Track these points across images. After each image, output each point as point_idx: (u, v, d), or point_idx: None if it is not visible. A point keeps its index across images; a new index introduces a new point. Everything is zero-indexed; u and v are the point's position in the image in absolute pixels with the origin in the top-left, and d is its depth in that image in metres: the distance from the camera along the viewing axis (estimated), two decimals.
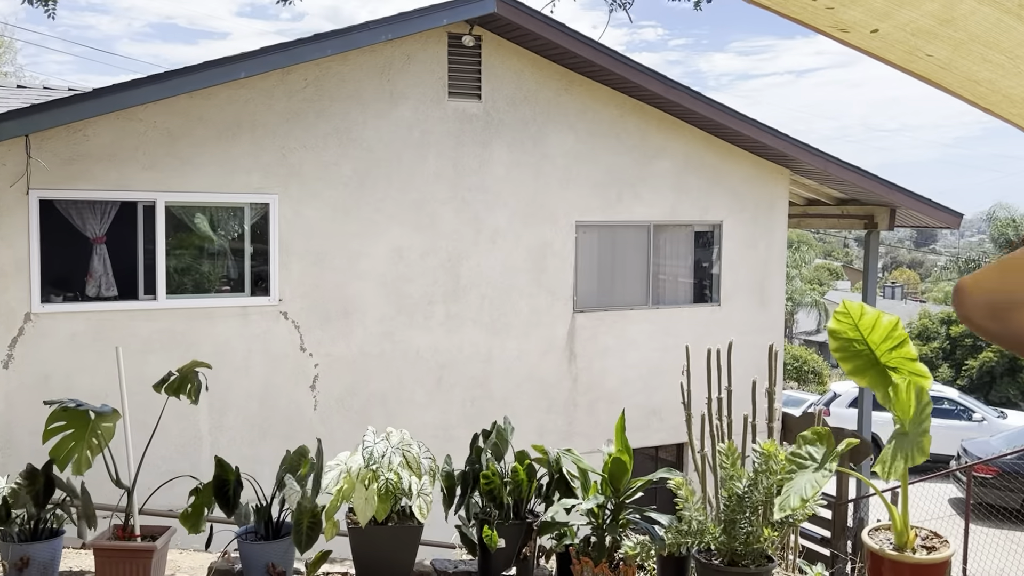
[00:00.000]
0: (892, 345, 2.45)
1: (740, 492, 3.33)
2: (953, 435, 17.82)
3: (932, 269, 70.70)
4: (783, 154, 10.45)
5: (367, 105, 8.78)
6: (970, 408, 19.62)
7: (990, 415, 19.56)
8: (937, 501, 13.32)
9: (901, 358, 2.48)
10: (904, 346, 2.43)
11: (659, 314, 10.52)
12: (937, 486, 14.34)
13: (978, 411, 19.57)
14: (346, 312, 8.76)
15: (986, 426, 18.63)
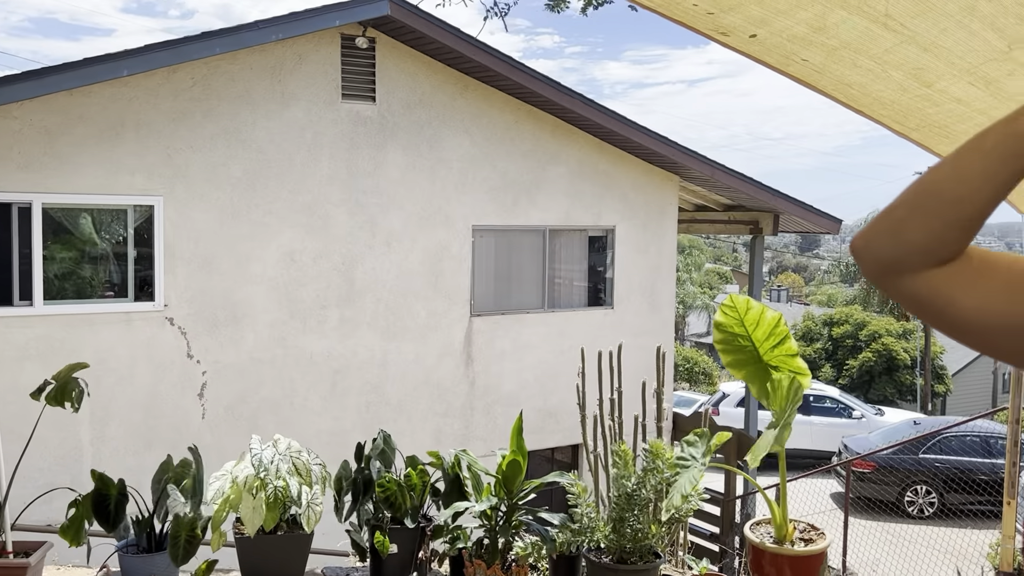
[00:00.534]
0: (775, 343, 2.54)
1: (629, 490, 3.38)
2: (834, 432, 18.62)
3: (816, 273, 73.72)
4: (673, 161, 10.72)
5: (257, 105, 8.58)
6: (850, 406, 20.51)
7: (869, 413, 20.49)
8: (820, 496, 13.89)
9: (783, 355, 2.58)
10: (786, 342, 2.52)
11: (555, 317, 10.63)
12: (820, 481, 14.93)
13: (858, 409, 20.47)
14: (235, 317, 8.53)
15: (865, 423, 19.51)
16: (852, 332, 30.09)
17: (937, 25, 2.21)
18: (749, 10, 2.20)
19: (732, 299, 2.57)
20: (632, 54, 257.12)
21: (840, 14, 2.19)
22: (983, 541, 9.71)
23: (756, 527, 3.04)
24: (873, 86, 2.66)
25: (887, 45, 2.34)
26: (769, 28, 2.31)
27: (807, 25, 2.27)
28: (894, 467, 14.41)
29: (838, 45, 2.37)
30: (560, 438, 10.50)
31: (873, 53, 2.40)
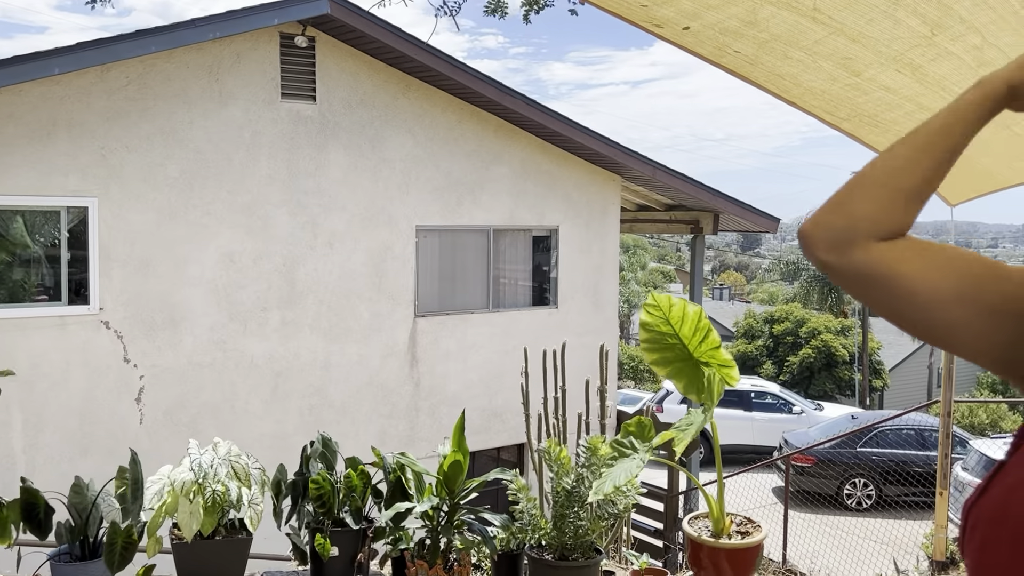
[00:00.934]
0: (701, 338, 2.58)
1: (568, 487, 3.40)
2: (775, 427, 18.94)
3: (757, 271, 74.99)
4: (615, 161, 10.81)
5: (194, 104, 8.44)
6: (791, 402, 20.89)
7: (808, 408, 20.89)
8: (762, 490, 14.13)
9: (709, 349, 2.62)
10: (709, 335, 2.57)
11: (499, 317, 10.65)
12: (762, 476, 15.20)
13: (798, 404, 20.86)
14: (174, 320, 8.38)
15: (805, 418, 19.88)
16: (792, 329, 30.67)
17: (864, 16, 2.26)
18: (681, 4, 2.23)
19: (654, 298, 2.60)
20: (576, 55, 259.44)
21: (770, 9, 2.23)
22: (918, 531, 9.96)
23: (694, 521, 3.08)
24: (804, 76, 2.71)
25: (816, 37, 2.38)
26: (701, 21, 2.34)
27: (738, 19, 2.31)
28: (833, 461, 14.72)
29: (769, 38, 2.41)
30: (506, 437, 10.52)
31: (803, 45, 2.44)
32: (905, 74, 2.59)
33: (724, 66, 2.63)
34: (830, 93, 2.83)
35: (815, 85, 2.77)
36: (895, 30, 2.31)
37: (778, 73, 2.68)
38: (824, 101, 2.91)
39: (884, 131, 3.18)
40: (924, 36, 2.33)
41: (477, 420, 10.34)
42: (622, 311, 37.20)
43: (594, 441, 3.29)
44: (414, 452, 9.23)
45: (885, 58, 2.50)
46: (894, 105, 2.90)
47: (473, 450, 10.88)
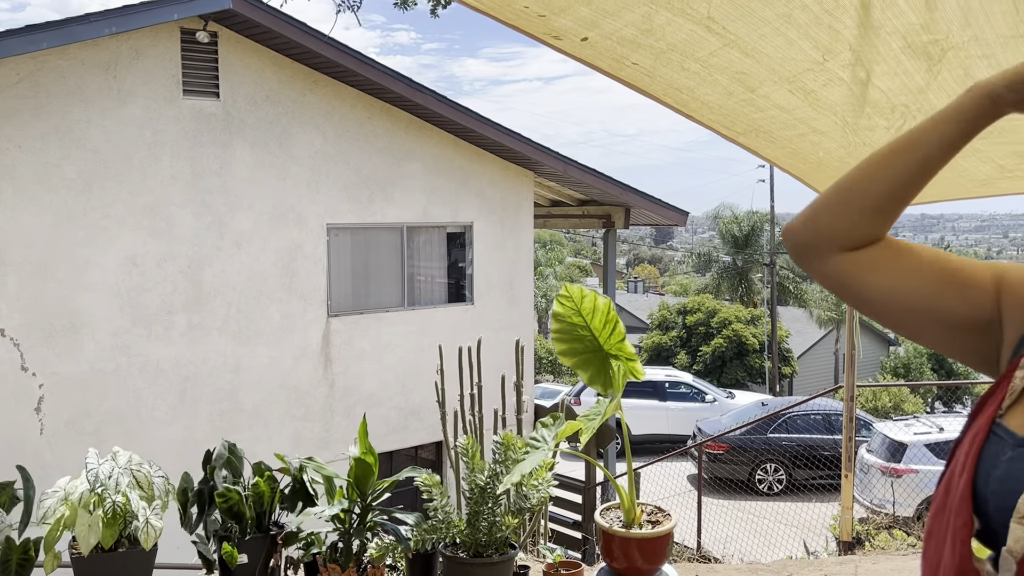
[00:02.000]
0: (611, 330, 2.60)
1: (482, 484, 3.39)
2: (689, 416, 19.34)
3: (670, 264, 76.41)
4: (527, 157, 10.85)
5: (91, 103, 8.13)
6: (703, 391, 21.33)
7: (721, 396, 21.37)
8: (677, 478, 14.38)
9: (617, 341, 2.64)
10: (617, 327, 2.59)
11: (415, 315, 10.57)
12: (677, 464, 15.47)
13: (710, 393, 21.32)
14: (74, 326, 8.06)
15: (717, 406, 20.33)
16: (704, 320, 31.33)
17: (757, 30, 2.29)
18: (578, 11, 2.23)
19: (567, 289, 2.62)
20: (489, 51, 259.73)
21: (665, 15, 2.24)
22: (827, 513, 10.29)
23: (606, 512, 3.11)
24: (701, 90, 2.74)
25: (711, 48, 2.41)
26: (599, 31, 2.34)
27: (635, 27, 2.32)
28: (745, 447, 15.09)
29: (665, 48, 2.43)
30: (423, 436, 10.46)
31: (699, 56, 2.47)
32: (798, 96, 2.65)
33: (623, 80, 2.65)
34: (726, 108, 2.87)
35: (712, 99, 2.80)
36: (788, 50, 2.35)
37: (676, 86, 2.70)
38: (721, 116, 2.96)
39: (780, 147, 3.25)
40: (816, 61, 2.38)
41: (395, 419, 10.25)
42: (539, 306, 37.44)
43: (507, 437, 3.29)
44: (330, 454, 9.14)
45: (779, 77, 2.54)
46: (788, 125, 2.96)
47: (390, 449, 10.81)
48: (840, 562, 6.25)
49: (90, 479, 3.48)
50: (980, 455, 0.97)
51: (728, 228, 37.32)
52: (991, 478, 0.93)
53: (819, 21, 2.20)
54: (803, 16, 2.19)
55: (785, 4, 2.13)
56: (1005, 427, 0.97)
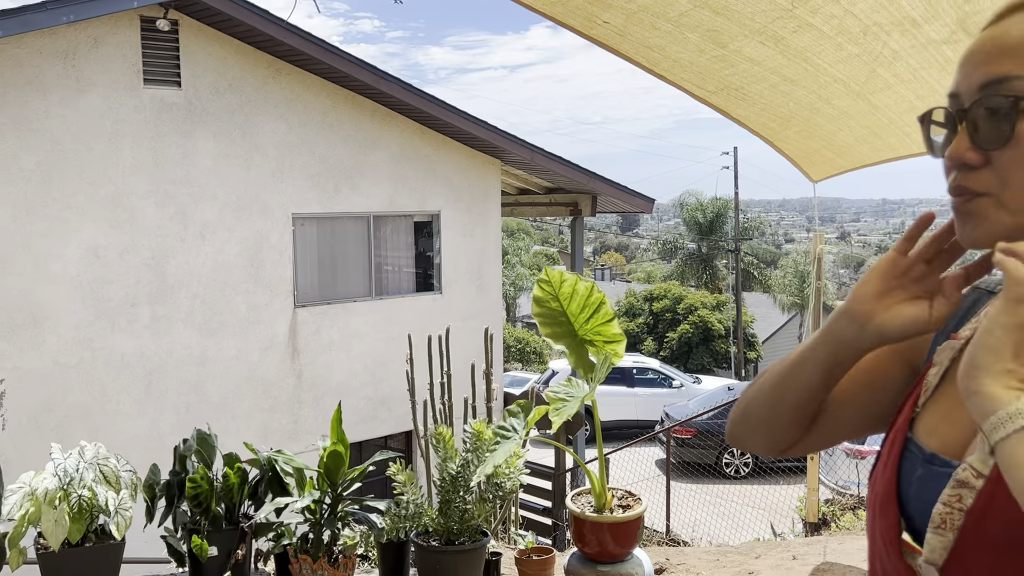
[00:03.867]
0: (589, 313, 2.61)
1: (453, 472, 3.40)
2: (656, 402, 19.47)
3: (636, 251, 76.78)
4: (494, 145, 10.83)
5: (50, 92, 7.98)
6: (671, 376, 21.49)
7: (687, 381, 21.54)
8: (646, 463, 14.51)
9: (598, 324, 2.64)
10: (600, 309, 2.58)
11: (383, 304, 10.53)
12: (646, 450, 15.60)
13: (677, 379, 21.48)
14: (35, 320, 7.93)
15: (684, 391, 20.50)
16: (671, 306, 31.54)
17: None
18: None
19: (547, 272, 2.62)
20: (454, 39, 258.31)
21: None
22: (793, 495, 10.43)
23: (577, 498, 3.12)
24: (672, 48, 2.74)
25: (682, 9, 2.41)
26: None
27: None
28: (712, 431, 15.23)
29: (636, 8, 2.43)
30: (393, 425, 10.44)
31: (670, 16, 2.47)
32: (768, 46, 2.65)
33: (594, 38, 2.64)
34: (698, 65, 2.87)
35: (683, 57, 2.81)
36: (758, 3, 2.37)
37: (647, 45, 2.70)
38: (692, 74, 2.96)
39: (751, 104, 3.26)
40: (785, 8, 2.40)
41: (364, 409, 10.22)
42: (508, 294, 37.49)
43: (477, 425, 3.29)
44: (298, 445, 9.11)
45: (749, 30, 2.55)
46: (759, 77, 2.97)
47: (360, 439, 10.77)
48: (807, 543, 6.35)
49: (59, 473, 3.43)
50: (901, 458, 0.99)
51: (693, 215, 37.58)
52: (911, 487, 0.96)
53: None
54: None
55: None
56: (915, 440, 0.99)
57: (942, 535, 0.88)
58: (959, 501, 0.87)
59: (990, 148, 0.88)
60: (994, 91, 0.87)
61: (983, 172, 0.89)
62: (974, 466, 0.87)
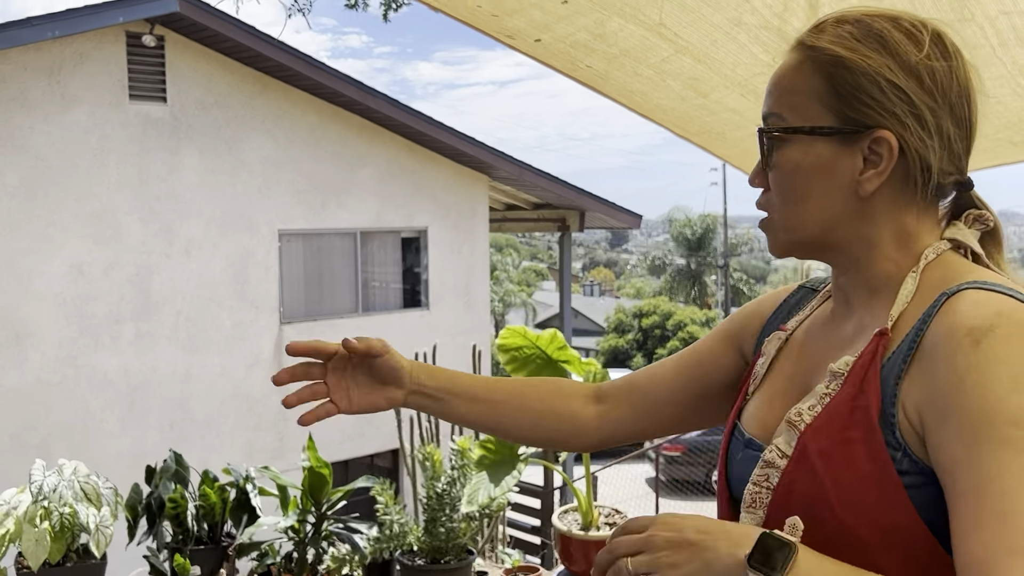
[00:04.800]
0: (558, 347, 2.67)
1: (439, 491, 3.36)
2: None
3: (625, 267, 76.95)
4: (482, 161, 10.84)
5: (34, 108, 7.95)
6: None
7: None
8: (635, 481, 14.49)
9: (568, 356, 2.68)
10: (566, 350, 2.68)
11: (370, 321, 10.49)
12: (636, 467, 15.57)
13: None
14: (18, 337, 7.87)
15: None
16: (660, 322, 31.59)
17: (708, 36, 2.30)
18: (531, 14, 2.22)
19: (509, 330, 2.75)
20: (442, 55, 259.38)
21: (617, 22, 2.24)
22: None
23: (564, 516, 3.10)
24: (654, 94, 2.75)
25: (664, 54, 2.42)
26: (552, 33, 2.34)
27: (587, 32, 2.32)
28: (701, 448, 15.21)
29: (618, 53, 2.43)
30: (380, 443, 10.37)
31: (651, 62, 2.48)
32: (750, 100, 2.66)
33: (578, 79, 2.65)
34: (679, 111, 2.89)
35: (664, 103, 2.82)
36: (739, 54, 2.37)
37: (629, 89, 2.71)
38: (674, 118, 2.98)
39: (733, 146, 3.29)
40: (767, 64, 2.40)
41: (349, 427, 10.16)
42: (496, 310, 37.48)
43: (463, 442, 3.27)
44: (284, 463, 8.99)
45: (731, 82, 2.56)
46: (740, 125, 2.98)
47: (346, 458, 10.69)
48: None
49: (33, 491, 3.38)
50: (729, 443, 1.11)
51: (681, 231, 37.73)
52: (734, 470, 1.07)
53: (768, 24, 2.21)
54: (753, 19, 2.21)
55: (735, 8, 2.14)
56: (739, 426, 1.10)
57: (753, 513, 0.96)
58: (767, 480, 0.96)
59: (766, 171, 1.02)
60: (766, 124, 1.03)
61: (768, 194, 1.03)
62: (780, 447, 0.95)
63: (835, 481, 0.88)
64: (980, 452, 0.79)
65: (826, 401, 0.94)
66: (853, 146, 0.95)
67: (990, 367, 0.81)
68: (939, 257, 0.97)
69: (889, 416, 0.88)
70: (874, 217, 0.98)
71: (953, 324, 0.85)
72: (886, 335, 0.93)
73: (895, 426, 0.87)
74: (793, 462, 0.93)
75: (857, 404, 0.90)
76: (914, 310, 0.93)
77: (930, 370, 0.86)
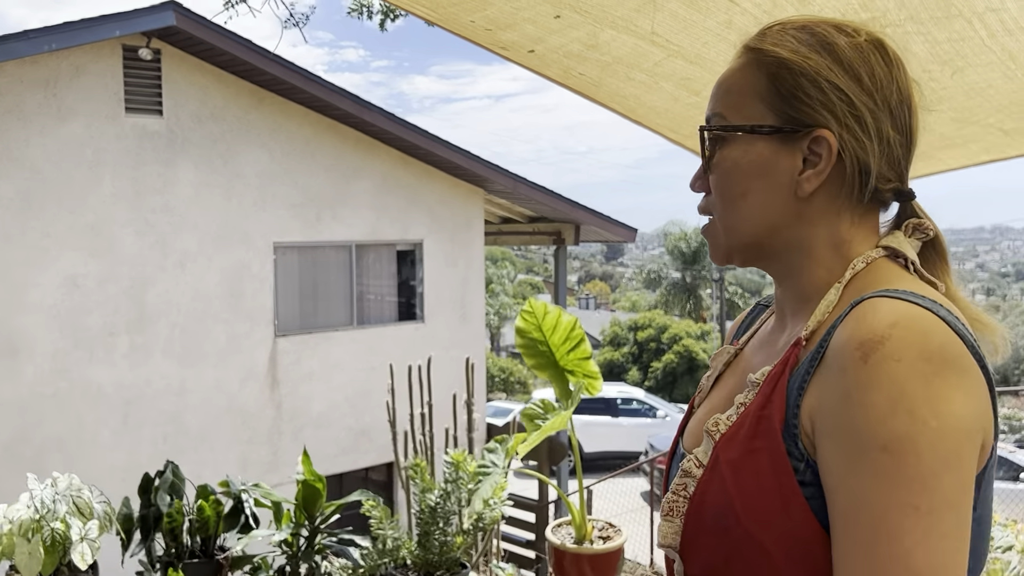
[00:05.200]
0: (571, 347, 2.61)
1: (432, 504, 3.36)
2: (641, 432, 19.41)
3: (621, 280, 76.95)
4: (477, 175, 10.85)
5: (30, 120, 7.95)
6: (655, 406, 21.45)
7: (672, 412, 21.50)
8: (631, 495, 14.42)
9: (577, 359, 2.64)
10: (580, 345, 2.59)
11: (365, 334, 10.48)
12: (631, 481, 15.50)
13: (662, 408, 21.43)
14: (12, 349, 7.84)
15: (669, 422, 20.42)
16: (655, 336, 31.58)
17: (699, 39, 2.33)
18: (524, 28, 2.24)
19: (531, 304, 2.62)
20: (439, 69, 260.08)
21: (610, 33, 2.27)
22: None
23: (557, 529, 3.08)
24: (647, 97, 2.77)
25: (656, 59, 2.44)
26: (545, 45, 2.36)
27: (580, 43, 2.34)
28: None
29: (611, 60, 2.46)
30: (374, 457, 10.34)
31: (644, 67, 2.50)
32: None
33: (571, 87, 2.68)
34: (672, 112, 2.91)
35: (658, 105, 2.84)
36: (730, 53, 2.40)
37: (622, 94, 2.74)
38: (667, 120, 3.00)
39: None
40: None
41: (344, 440, 10.13)
42: (492, 323, 37.44)
43: (456, 455, 3.26)
44: (278, 477, 9.01)
45: None
46: None
47: (341, 471, 10.65)
48: None
49: (36, 504, 3.36)
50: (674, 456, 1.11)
51: (676, 244, 37.79)
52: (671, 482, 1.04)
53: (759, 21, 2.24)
54: (743, 20, 2.23)
55: (725, 11, 2.16)
56: (681, 441, 1.10)
57: (671, 521, 0.97)
58: (684, 490, 0.96)
59: (707, 174, 1.03)
60: (710, 124, 1.04)
61: (709, 197, 1.04)
62: (698, 457, 0.96)
63: (741, 491, 0.88)
64: (853, 476, 0.79)
65: (741, 411, 0.94)
66: (793, 145, 0.95)
67: (872, 387, 0.79)
68: (869, 265, 0.96)
69: (792, 426, 0.87)
70: (811, 220, 0.97)
71: (850, 335, 0.83)
72: (800, 345, 0.92)
73: (797, 436, 0.86)
74: (707, 471, 0.93)
75: (763, 414, 0.90)
76: (832, 319, 0.91)
77: (824, 382, 0.85)
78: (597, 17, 2.19)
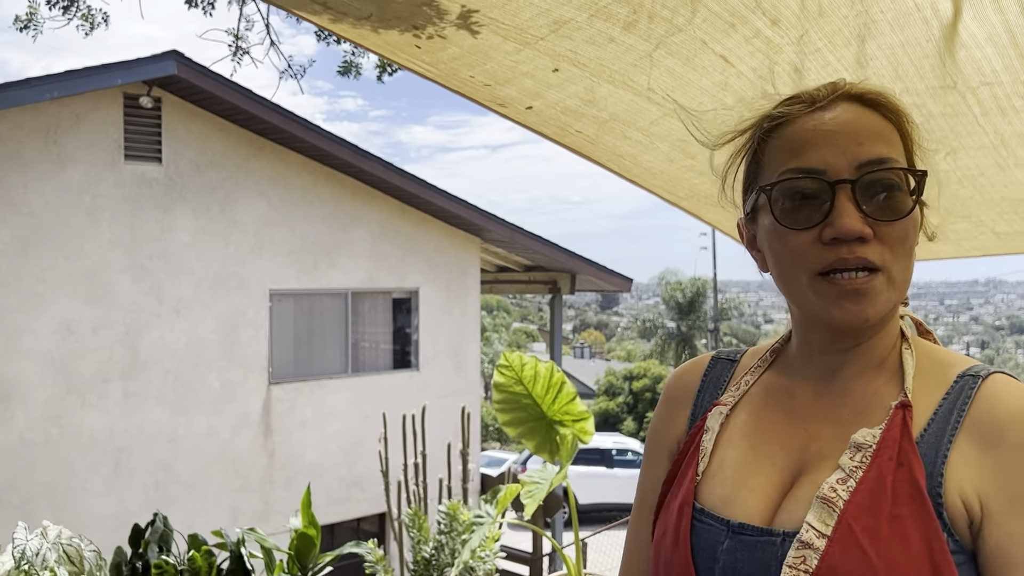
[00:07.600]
0: (555, 394, 2.58)
1: (427, 555, 3.31)
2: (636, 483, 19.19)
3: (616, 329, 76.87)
4: (474, 224, 10.90)
5: (29, 167, 7.99)
6: None
7: None
8: None
9: (564, 404, 2.62)
10: (563, 389, 2.57)
11: (359, 382, 10.43)
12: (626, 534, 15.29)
13: None
14: (4, 395, 7.79)
15: None
16: (651, 385, 31.46)
17: (695, 99, 2.36)
18: (522, 82, 2.27)
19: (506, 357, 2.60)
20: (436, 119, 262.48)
21: (607, 87, 2.30)
22: None
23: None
24: (643, 156, 2.79)
25: (652, 117, 2.47)
26: (543, 100, 2.39)
27: (578, 98, 2.37)
28: None
29: (608, 117, 2.48)
30: (366, 507, 10.23)
31: (640, 125, 2.52)
32: None
33: (568, 145, 2.70)
34: (668, 173, 2.93)
35: (653, 165, 2.87)
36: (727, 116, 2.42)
37: (618, 153, 2.76)
38: (663, 181, 3.02)
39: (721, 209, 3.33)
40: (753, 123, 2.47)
41: (337, 490, 10.02)
42: (486, 371, 37.30)
43: (452, 506, 3.23)
44: (269, 527, 8.89)
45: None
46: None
47: (332, 521, 10.51)
48: None
49: (16, 556, 3.31)
50: (692, 531, 0.99)
51: (672, 294, 37.85)
52: (716, 561, 0.96)
53: (753, 86, 2.26)
54: (739, 83, 2.26)
55: (721, 72, 2.19)
56: (709, 512, 0.99)
57: None
58: (803, 563, 0.88)
59: (884, 220, 0.92)
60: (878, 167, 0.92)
61: (875, 246, 0.92)
62: (815, 526, 0.89)
63: (885, 560, 0.85)
64: None
65: (859, 475, 0.90)
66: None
67: None
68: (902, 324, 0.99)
69: (936, 495, 0.87)
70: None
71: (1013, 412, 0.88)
72: (909, 407, 0.92)
73: (941, 505, 0.87)
74: (835, 542, 0.88)
75: (899, 478, 0.88)
76: (921, 384, 0.93)
77: (995, 456, 0.87)
78: (594, 71, 2.22)
